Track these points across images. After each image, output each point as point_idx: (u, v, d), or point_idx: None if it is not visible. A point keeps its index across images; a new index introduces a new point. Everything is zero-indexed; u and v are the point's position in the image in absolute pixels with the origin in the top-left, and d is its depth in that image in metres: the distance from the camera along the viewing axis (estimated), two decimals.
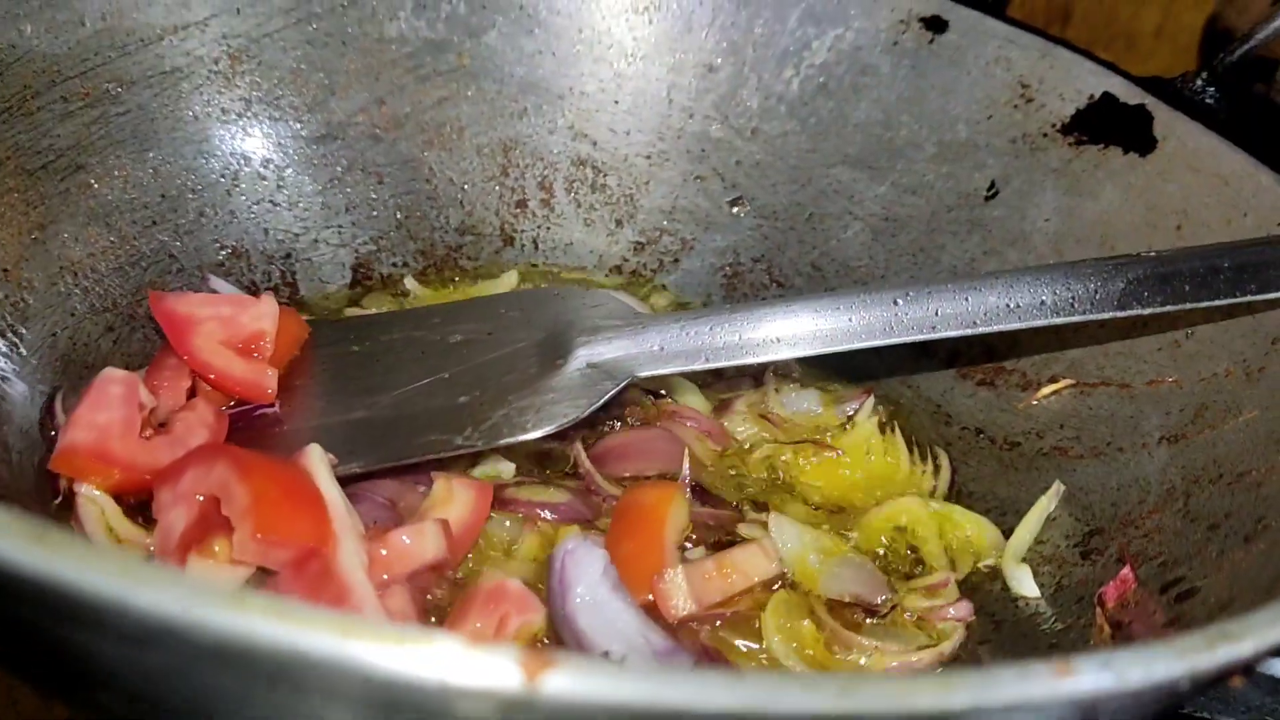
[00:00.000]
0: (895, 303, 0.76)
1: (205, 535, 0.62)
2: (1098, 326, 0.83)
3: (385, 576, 0.64)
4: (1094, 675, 0.38)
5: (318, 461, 0.66)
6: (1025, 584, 0.75)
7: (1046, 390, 0.86)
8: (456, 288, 1.01)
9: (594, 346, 0.78)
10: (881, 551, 0.79)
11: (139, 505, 0.69)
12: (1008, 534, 0.80)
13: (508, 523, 0.75)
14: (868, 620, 0.72)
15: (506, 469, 0.80)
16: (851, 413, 0.91)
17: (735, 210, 1.04)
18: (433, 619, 0.68)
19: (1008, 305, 0.74)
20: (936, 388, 0.93)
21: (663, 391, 0.90)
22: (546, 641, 0.66)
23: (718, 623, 0.69)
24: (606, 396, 0.75)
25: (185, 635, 0.33)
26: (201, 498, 0.63)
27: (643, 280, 1.05)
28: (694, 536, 0.78)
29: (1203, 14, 1.55)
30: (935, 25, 0.99)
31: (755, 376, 0.94)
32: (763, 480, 0.85)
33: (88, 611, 0.34)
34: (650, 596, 0.70)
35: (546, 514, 0.77)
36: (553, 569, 0.67)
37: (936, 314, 0.75)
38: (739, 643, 0.69)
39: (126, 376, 0.73)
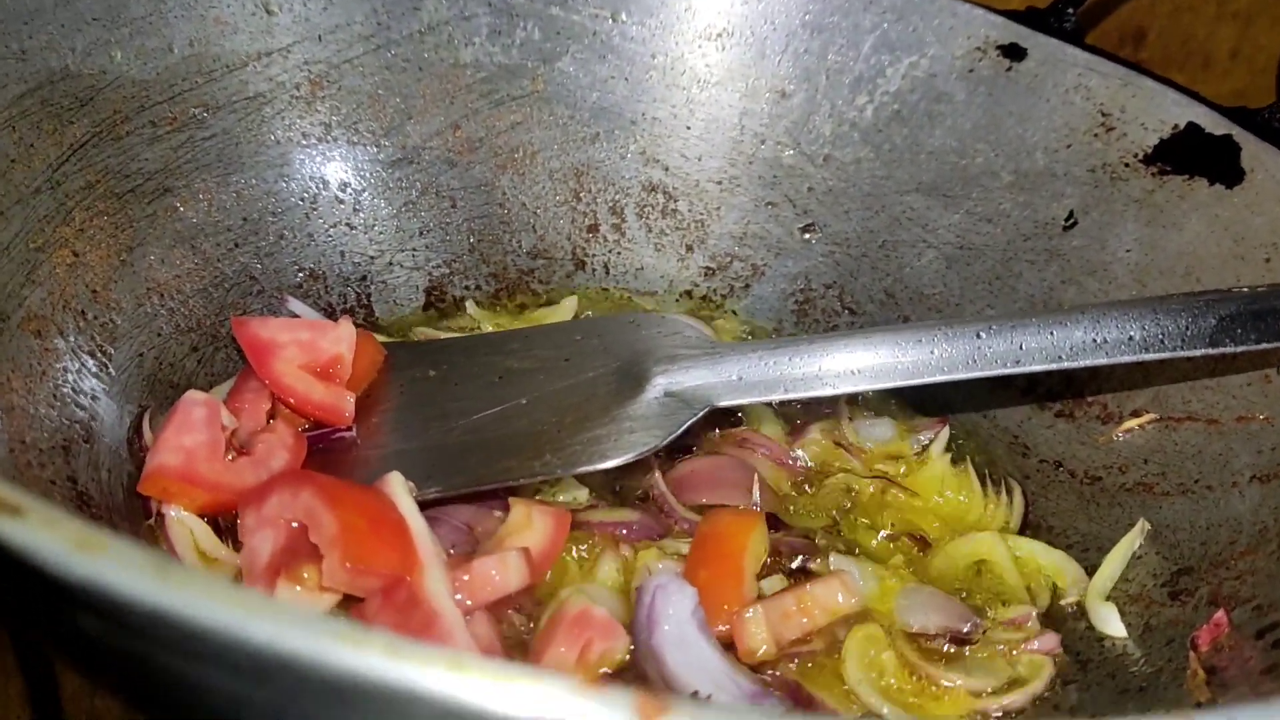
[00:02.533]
0: (978, 335, 0.75)
1: (293, 560, 0.62)
2: (1184, 361, 0.82)
3: (468, 603, 0.64)
4: None
5: (399, 489, 0.67)
6: (1112, 623, 0.74)
7: (1129, 424, 0.84)
8: (515, 313, 1.02)
9: (672, 375, 0.78)
10: (960, 585, 0.78)
11: (228, 526, 0.70)
12: (1090, 570, 0.79)
13: (584, 546, 0.76)
14: (952, 649, 0.71)
15: (581, 495, 0.80)
16: (926, 443, 0.90)
17: (807, 236, 1.04)
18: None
19: (1094, 340, 0.73)
20: (1013, 418, 0.92)
21: (740, 415, 0.89)
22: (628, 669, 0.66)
23: (794, 661, 0.69)
24: (685, 426, 0.75)
25: (301, 671, 0.34)
26: (292, 524, 0.63)
27: (713, 305, 1.05)
28: (768, 562, 0.77)
29: None
30: (1013, 53, 0.98)
31: (829, 403, 0.93)
32: (836, 508, 0.84)
33: (205, 645, 0.34)
34: (727, 627, 0.70)
35: (622, 532, 0.77)
36: (641, 601, 0.66)
37: (1020, 348, 0.74)
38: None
39: (208, 399, 0.74)
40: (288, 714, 0.37)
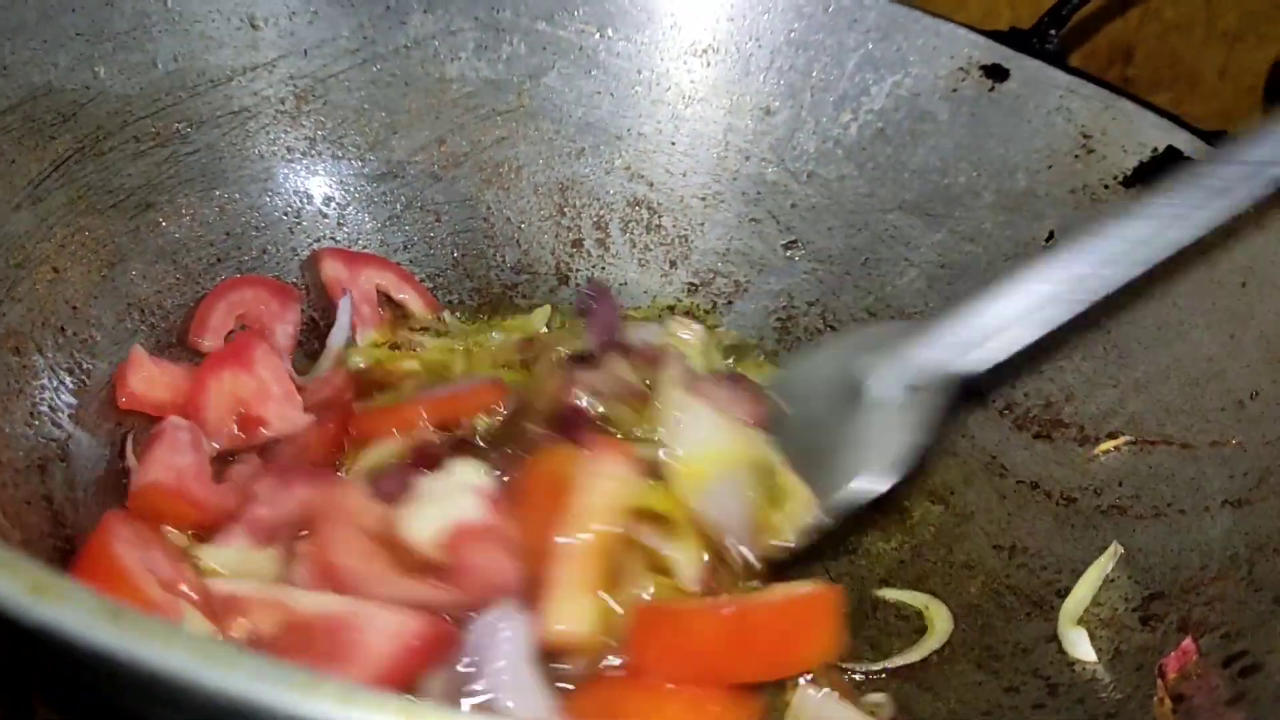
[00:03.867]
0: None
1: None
2: (1161, 384, 0.82)
3: None
4: None
5: None
6: (1081, 647, 0.74)
7: (1105, 445, 0.85)
8: (491, 323, 1.01)
9: (886, 368, 0.76)
10: None
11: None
12: (1062, 593, 0.79)
13: None
14: None
15: None
16: None
17: (790, 254, 1.04)
18: None
19: None
20: (991, 438, 0.92)
21: None
22: None
23: None
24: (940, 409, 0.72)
25: (255, 715, 0.34)
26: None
27: (696, 321, 1.05)
28: None
29: (1266, 56, 1.53)
30: (996, 74, 0.98)
31: None
32: None
33: (161, 689, 0.34)
34: None
35: None
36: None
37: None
38: None
39: (192, 425, 0.75)
40: None
